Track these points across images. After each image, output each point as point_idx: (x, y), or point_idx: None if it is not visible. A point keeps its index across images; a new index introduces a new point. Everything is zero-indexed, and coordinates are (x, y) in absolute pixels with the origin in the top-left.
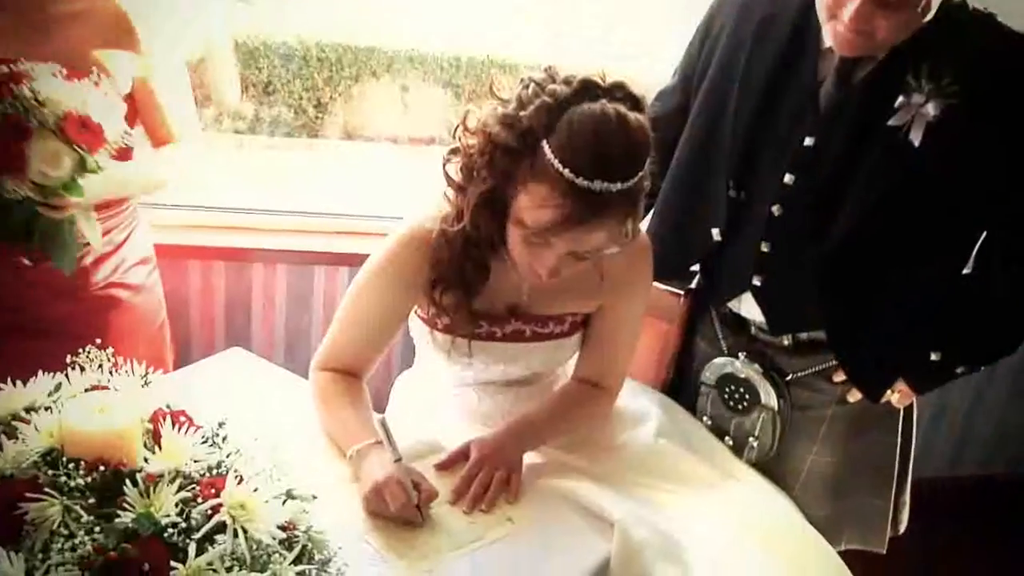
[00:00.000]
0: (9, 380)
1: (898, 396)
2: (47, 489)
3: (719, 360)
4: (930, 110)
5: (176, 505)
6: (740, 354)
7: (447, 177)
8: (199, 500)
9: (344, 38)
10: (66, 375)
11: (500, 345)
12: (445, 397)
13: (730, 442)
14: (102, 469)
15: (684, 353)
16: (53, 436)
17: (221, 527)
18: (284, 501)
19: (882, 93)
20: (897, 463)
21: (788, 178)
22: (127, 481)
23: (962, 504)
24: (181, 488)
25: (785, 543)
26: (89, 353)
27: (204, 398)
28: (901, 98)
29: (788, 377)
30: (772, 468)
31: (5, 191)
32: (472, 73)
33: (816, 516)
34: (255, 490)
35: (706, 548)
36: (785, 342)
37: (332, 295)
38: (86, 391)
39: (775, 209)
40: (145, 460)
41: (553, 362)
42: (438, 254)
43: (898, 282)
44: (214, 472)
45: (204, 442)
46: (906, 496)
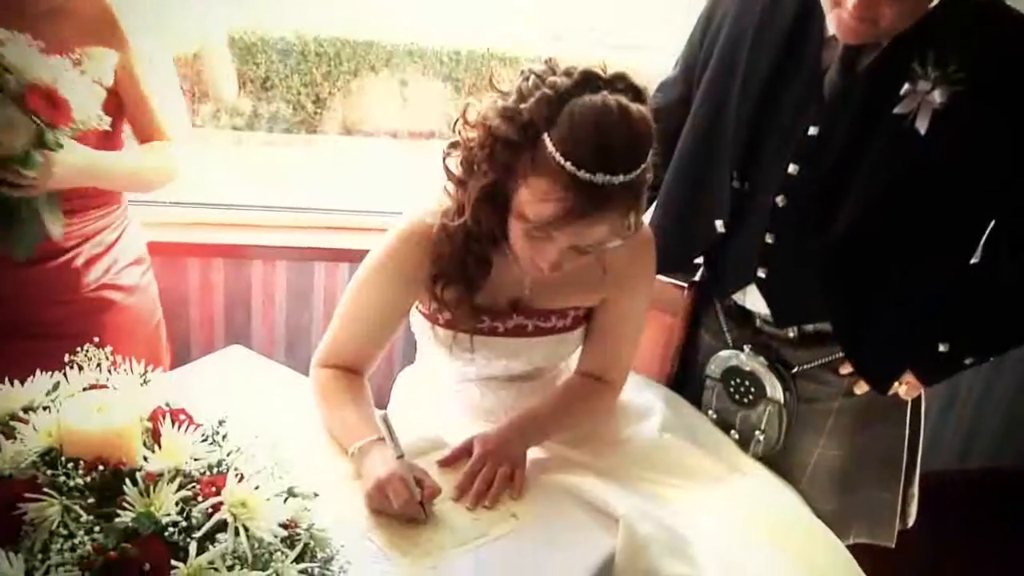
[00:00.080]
0: (7, 380)
1: (906, 388)
2: (46, 489)
3: (724, 353)
4: (936, 97)
5: (176, 504)
6: (745, 347)
7: (447, 171)
8: (200, 499)
9: (342, 32)
10: (64, 374)
11: (502, 340)
12: (447, 393)
13: (736, 436)
14: (101, 468)
15: (688, 346)
16: (52, 436)
17: (222, 525)
18: (285, 499)
19: (887, 81)
20: (905, 455)
21: (792, 168)
22: (127, 480)
23: (971, 497)
24: (181, 487)
25: (792, 537)
26: (87, 352)
27: (204, 396)
28: (906, 86)
29: (794, 369)
30: (779, 462)
31: None
32: (472, 67)
33: (824, 510)
34: (256, 488)
35: (712, 543)
36: (790, 334)
37: (332, 291)
38: (84, 390)
39: (779, 200)
40: (145, 459)
41: (556, 357)
42: (439, 249)
43: (905, 272)
44: (215, 470)
45: (204, 440)
46: (914, 489)
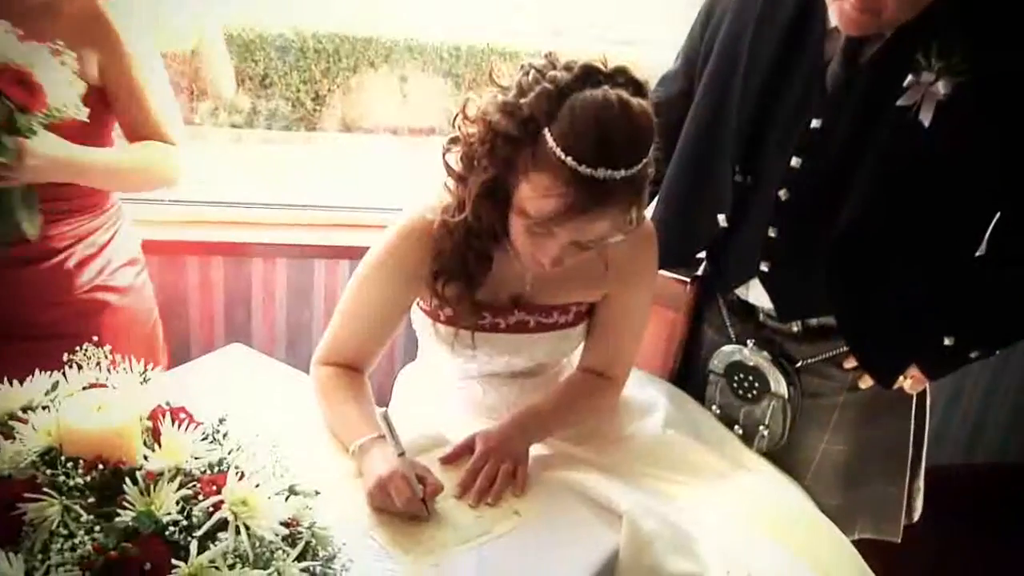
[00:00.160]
0: (5, 380)
1: (911, 382)
2: (46, 489)
3: (727, 348)
4: (940, 89)
5: (177, 503)
6: (748, 341)
7: (447, 167)
8: (200, 497)
9: (341, 29)
10: (63, 373)
11: (504, 336)
12: (449, 390)
13: (740, 431)
14: (101, 468)
15: (691, 342)
16: (51, 435)
17: (223, 524)
18: (287, 497)
19: (890, 73)
20: (911, 450)
21: (795, 161)
22: (127, 479)
23: (977, 491)
24: (182, 485)
25: (797, 533)
26: (86, 351)
27: (204, 395)
28: (910, 77)
29: (798, 364)
30: (783, 457)
31: None
32: (472, 62)
33: (829, 505)
34: (257, 486)
35: (716, 539)
36: (794, 328)
37: (333, 289)
38: (84, 389)
39: (782, 193)
40: (145, 458)
41: (558, 353)
42: (440, 245)
43: (909, 265)
44: (215, 469)
45: (205, 439)
46: (920, 483)
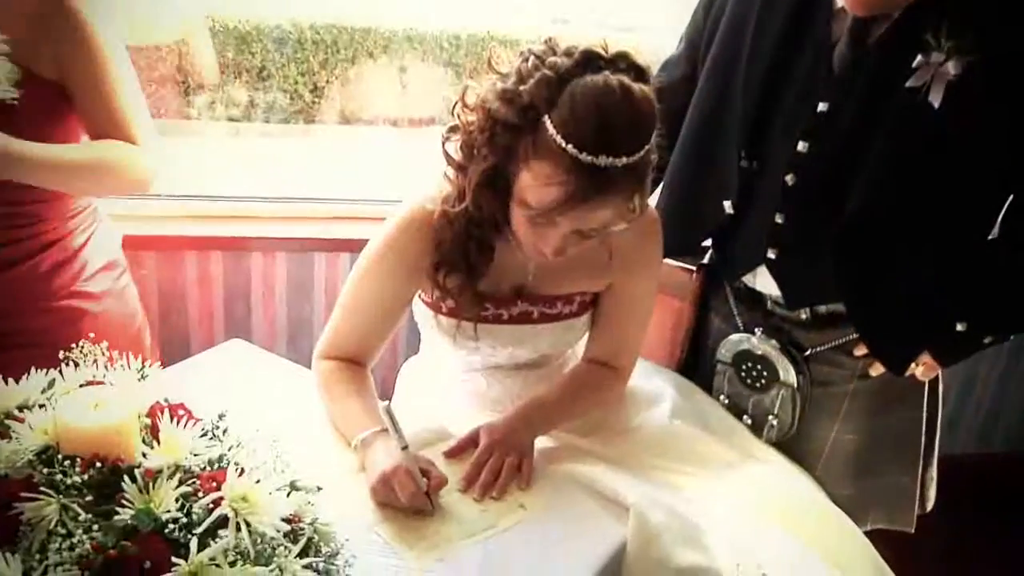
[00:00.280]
0: (1, 379)
1: (922, 369)
2: (43, 488)
3: (735, 337)
4: (950, 69)
5: (176, 500)
6: (756, 330)
7: (447, 156)
8: (200, 494)
9: (339, 19)
10: (60, 371)
11: (507, 327)
12: (453, 383)
13: (748, 421)
14: (99, 466)
15: (698, 331)
16: (48, 434)
17: (223, 521)
18: (288, 493)
19: (899, 53)
20: (923, 438)
21: (802, 146)
22: (125, 477)
23: (992, 481)
24: (181, 483)
25: (807, 523)
26: (82, 348)
27: (205, 391)
28: (919, 58)
29: (807, 352)
30: (793, 447)
31: None
32: (473, 51)
33: (840, 495)
34: (257, 482)
35: (726, 531)
36: (803, 316)
37: (334, 282)
38: (81, 387)
39: (789, 179)
40: (143, 455)
41: (562, 344)
42: (440, 236)
43: (920, 250)
44: (215, 466)
45: (204, 435)
46: (932, 472)
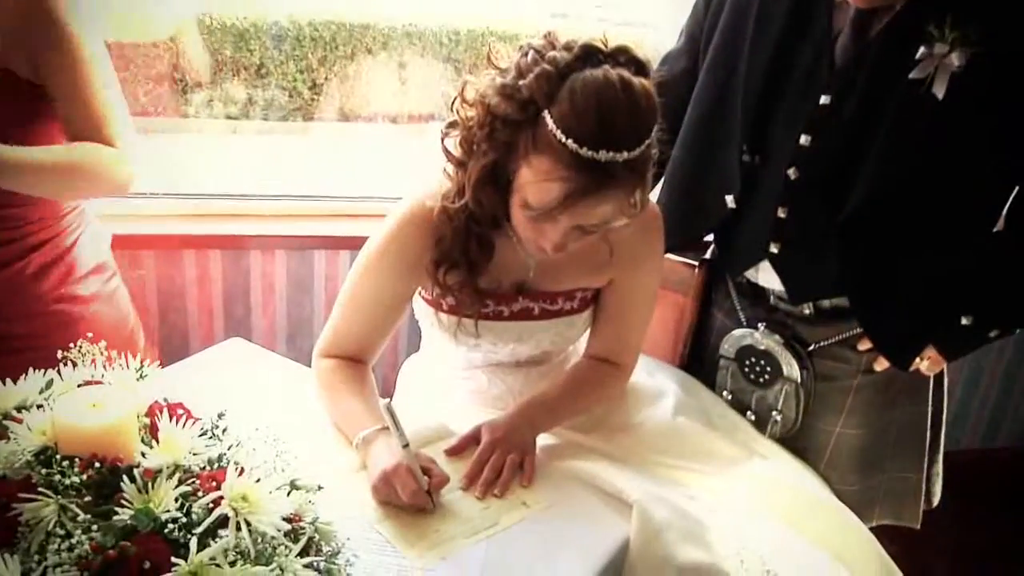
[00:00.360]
0: None
1: (927, 363)
2: (41, 489)
3: (738, 332)
4: (954, 60)
5: (176, 500)
6: (759, 325)
7: (446, 152)
8: (200, 494)
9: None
10: (58, 371)
11: (508, 324)
12: (453, 380)
13: (752, 417)
14: (98, 466)
15: (701, 326)
16: (46, 434)
17: (223, 521)
18: (288, 492)
19: (902, 45)
20: (928, 434)
21: (804, 139)
22: (124, 477)
23: (998, 477)
24: (181, 482)
25: (812, 520)
26: (81, 348)
27: (204, 391)
28: (923, 49)
29: (810, 347)
30: (797, 443)
31: None
32: (472, 47)
33: (845, 491)
34: (257, 481)
35: (730, 527)
36: (806, 311)
37: (334, 280)
38: (79, 387)
39: (791, 172)
40: (142, 455)
41: (564, 340)
42: (440, 232)
43: (925, 243)
44: (215, 465)
45: (203, 435)
46: (938, 467)
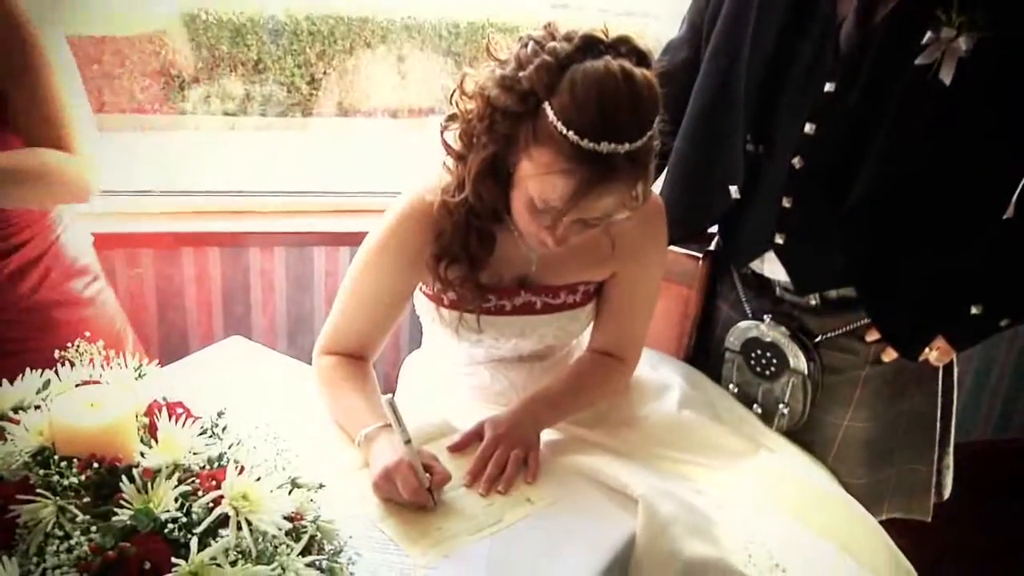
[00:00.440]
0: None
1: (936, 354)
2: (39, 490)
3: (743, 324)
4: (962, 45)
5: (176, 499)
6: (765, 317)
7: (446, 145)
8: (200, 493)
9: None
10: (55, 371)
11: (510, 319)
12: (456, 376)
13: (759, 410)
14: (96, 466)
15: (705, 319)
16: (43, 435)
17: (224, 520)
18: (289, 491)
19: (908, 30)
20: (938, 425)
21: (808, 128)
22: (123, 477)
23: (1010, 469)
24: (180, 482)
25: (820, 514)
26: (78, 347)
27: (204, 389)
28: (929, 34)
29: (817, 339)
30: (804, 436)
31: None
32: (472, 39)
33: (854, 484)
34: (258, 480)
35: (738, 522)
36: (812, 302)
37: (334, 276)
38: (76, 387)
39: (796, 162)
40: (141, 455)
41: (567, 334)
42: (440, 226)
43: (932, 232)
44: (215, 464)
45: (203, 434)
46: (949, 460)
